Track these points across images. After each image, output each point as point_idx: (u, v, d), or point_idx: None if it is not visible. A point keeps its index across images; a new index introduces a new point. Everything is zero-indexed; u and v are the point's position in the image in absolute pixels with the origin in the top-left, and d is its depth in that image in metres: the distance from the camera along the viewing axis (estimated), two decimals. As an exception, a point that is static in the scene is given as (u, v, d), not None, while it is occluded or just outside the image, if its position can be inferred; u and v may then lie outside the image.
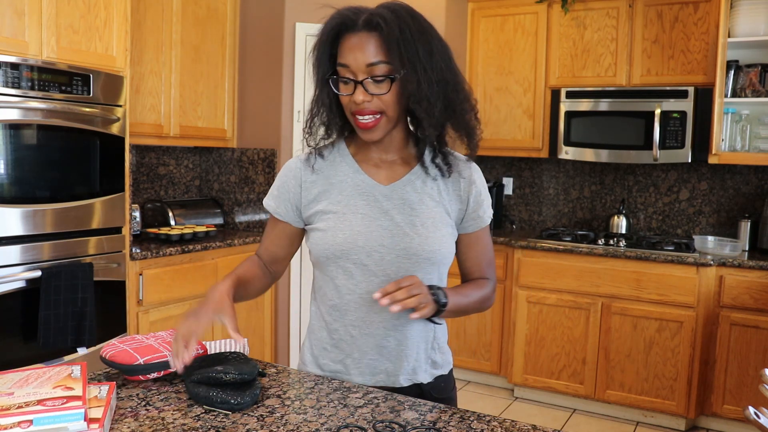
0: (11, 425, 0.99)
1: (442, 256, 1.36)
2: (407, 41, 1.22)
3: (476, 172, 1.42)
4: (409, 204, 1.35)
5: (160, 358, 1.32)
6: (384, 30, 1.21)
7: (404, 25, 1.23)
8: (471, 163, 1.42)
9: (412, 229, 1.33)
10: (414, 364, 1.39)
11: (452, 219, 1.39)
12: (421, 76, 1.24)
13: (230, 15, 3.79)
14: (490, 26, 4.15)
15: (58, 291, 2.58)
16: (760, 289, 3.23)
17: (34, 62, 2.51)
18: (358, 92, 1.25)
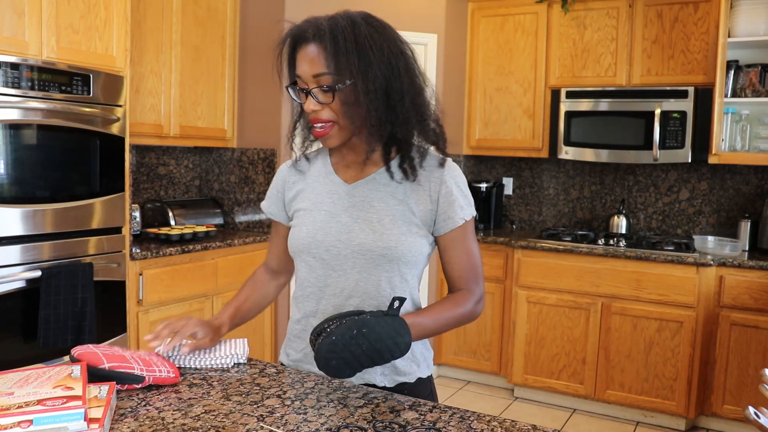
0: (11, 425, 0.99)
1: (398, 254, 1.33)
2: (343, 52, 1.24)
3: (449, 172, 1.37)
4: (369, 201, 1.37)
5: (126, 368, 1.26)
6: (323, 41, 1.26)
7: (341, 36, 1.25)
8: (446, 163, 1.38)
9: (368, 225, 1.34)
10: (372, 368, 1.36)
11: (418, 218, 1.35)
12: (359, 86, 1.25)
13: (230, 15, 3.79)
14: (490, 26, 4.15)
15: (58, 291, 2.58)
16: (760, 289, 3.23)
17: (34, 62, 2.51)
18: (308, 102, 1.29)
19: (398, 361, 1.37)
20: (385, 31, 1.34)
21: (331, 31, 1.26)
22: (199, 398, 1.25)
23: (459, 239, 1.38)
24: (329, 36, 1.26)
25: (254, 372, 1.43)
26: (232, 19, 3.80)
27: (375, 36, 1.30)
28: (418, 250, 1.36)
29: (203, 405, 1.22)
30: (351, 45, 1.25)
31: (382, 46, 1.29)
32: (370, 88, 1.26)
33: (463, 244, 1.38)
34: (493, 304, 3.96)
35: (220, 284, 3.42)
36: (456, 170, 1.39)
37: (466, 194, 1.39)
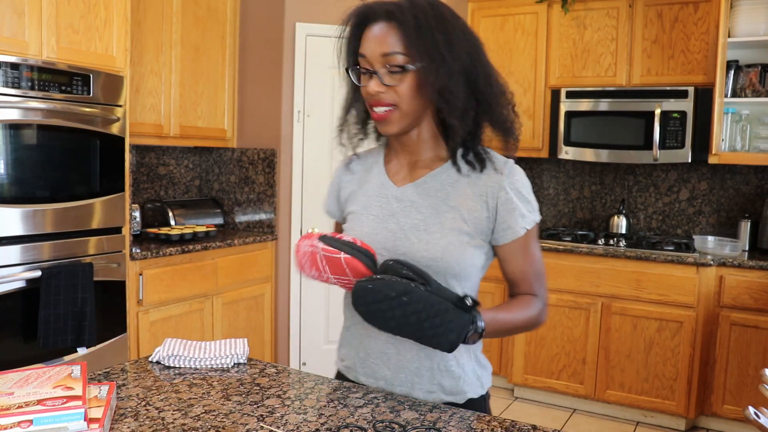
0: (11, 425, 0.99)
1: (445, 265, 1.22)
2: (424, 31, 1.17)
3: (510, 177, 1.26)
4: (417, 207, 1.28)
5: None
6: (400, 20, 1.18)
7: (421, 14, 1.17)
8: (507, 166, 1.27)
9: (414, 233, 1.25)
10: (413, 379, 1.28)
11: (471, 226, 1.25)
12: (440, 66, 1.17)
13: (230, 15, 3.79)
14: (490, 26, 4.15)
15: (58, 291, 2.58)
16: (760, 289, 3.22)
17: (34, 62, 2.51)
18: (372, 82, 1.21)
19: (446, 381, 1.28)
20: (458, 15, 1.24)
21: (410, 9, 1.18)
22: (199, 398, 1.25)
23: (520, 249, 1.28)
24: (410, 14, 1.17)
25: (254, 372, 1.43)
26: (232, 19, 3.80)
27: (454, 18, 1.22)
28: (469, 261, 1.25)
29: (203, 405, 1.22)
30: (433, 24, 1.18)
31: (463, 26, 1.22)
32: (453, 69, 1.18)
33: (525, 253, 1.28)
34: (493, 304, 3.95)
35: (220, 284, 3.42)
36: (517, 174, 1.28)
37: (530, 200, 1.28)
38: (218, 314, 3.42)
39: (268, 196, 3.83)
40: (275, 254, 3.83)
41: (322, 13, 3.76)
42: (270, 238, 3.77)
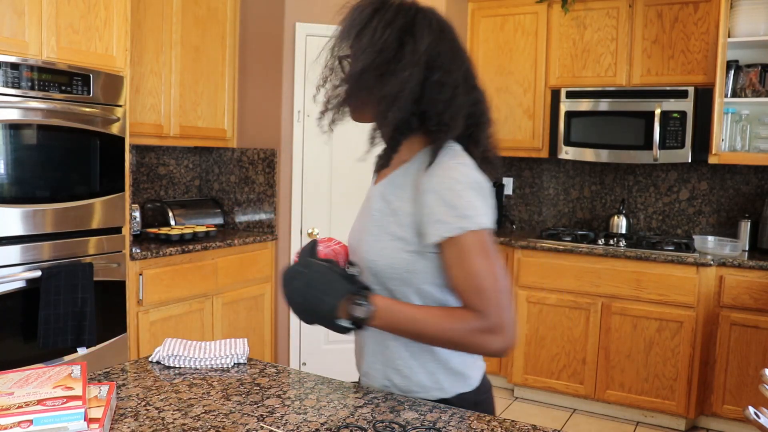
0: (11, 425, 0.99)
1: (380, 269, 1.20)
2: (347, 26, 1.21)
3: (430, 177, 1.16)
4: (371, 208, 1.27)
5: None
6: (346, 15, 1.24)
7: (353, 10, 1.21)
8: (435, 166, 1.17)
9: (363, 236, 1.26)
10: (373, 373, 1.30)
11: (407, 231, 1.19)
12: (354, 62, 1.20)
13: (230, 15, 3.79)
14: (490, 26, 4.15)
15: (58, 291, 2.58)
16: (760, 289, 3.22)
17: (34, 62, 2.51)
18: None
19: (395, 378, 1.27)
20: (417, 19, 1.18)
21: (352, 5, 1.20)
22: (199, 398, 1.25)
23: (456, 257, 1.15)
24: (348, 10, 1.20)
25: (254, 372, 1.43)
26: (232, 19, 3.80)
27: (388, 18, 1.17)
28: (402, 266, 1.19)
29: (203, 405, 1.22)
30: (357, 19, 1.18)
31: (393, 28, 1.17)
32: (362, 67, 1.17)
33: (461, 263, 1.15)
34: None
35: (220, 284, 3.42)
36: (443, 173, 1.16)
37: (456, 205, 1.14)
38: (218, 314, 3.42)
39: (268, 196, 3.83)
40: (275, 254, 3.83)
41: (322, 13, 3.76)
42: (270, 238, 3.77)
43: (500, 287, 1.14)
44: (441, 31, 1.20)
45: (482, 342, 1.13)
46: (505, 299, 1.15)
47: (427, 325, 1.15)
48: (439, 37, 1.19)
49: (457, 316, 1.15)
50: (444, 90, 1.18)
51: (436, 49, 1.18)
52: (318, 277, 1.15)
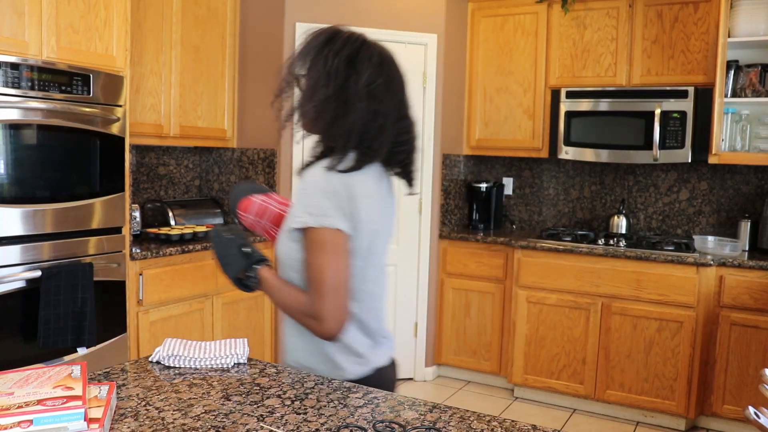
0: (11, 425, 0.99)
1: (278, 256, 1.44)
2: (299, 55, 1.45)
3: (303, 178, 1.37)
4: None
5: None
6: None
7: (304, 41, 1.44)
8: (312, 169, 1.38)
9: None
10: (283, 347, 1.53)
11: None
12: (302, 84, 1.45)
13: (230, 15, 3.79)
14: (490, 26, 4.15)
15: (58, 291, 2.58)
16: (760, 289, 3.22)
17: (34, 62, 2.51)
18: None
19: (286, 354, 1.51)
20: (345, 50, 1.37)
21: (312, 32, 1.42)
22: (199, 398, 1.25)
23: (306, 247, 1.35)
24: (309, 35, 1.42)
25: (254, 372, 1.43)
26: (232, 19, 3.80)
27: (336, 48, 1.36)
28: (287, 253, 1.41)
29: (203, 405, 1.22)
30: (312, 45, 1.39)
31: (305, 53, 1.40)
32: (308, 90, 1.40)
33: (306, 253, 1.34)
34: (493, 304, 3.96)
35: (220, 284, 3.42)
36: (308, 177, 1.36)
37: (309, 203, 1.32)
38: (218, 314, 3.42)
39: (268, 196, 3.83)
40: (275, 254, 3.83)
41: (322, 13, 3.76)
42: (270, 238, 3.76)
43: (327, 282, 1.31)
44: (380, 64, 1.38)
45: (306, 323, 1.36)
46: (331, 294, 1.31)
47: (282, 298, 1.41)
48: (378, 69, 1.37)
49: (296, 297, 1.38)
50: (377, 119, 1.36)
51: (374, 80, 1.35)
52: (221, 250, 1.48)
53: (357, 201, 1.33)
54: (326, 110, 1.36)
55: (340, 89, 1.34)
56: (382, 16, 3.84)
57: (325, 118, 1.37)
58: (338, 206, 1.32)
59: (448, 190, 4.21)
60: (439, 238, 4.11)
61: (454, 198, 4.28)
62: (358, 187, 1.34)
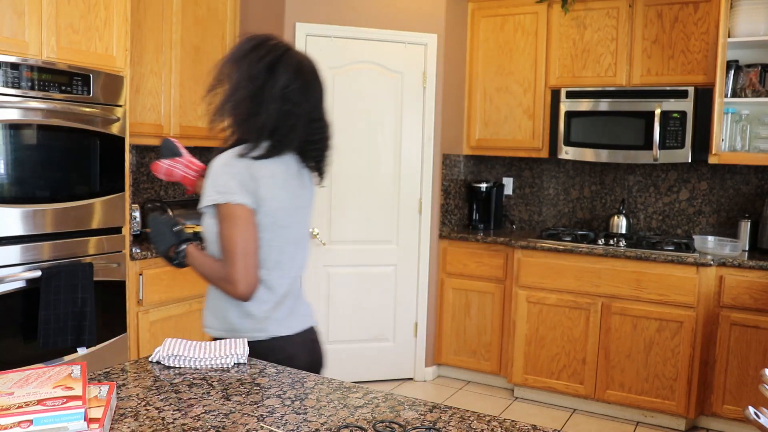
0: (11, 425, 0.99)
1: (204, 234, 1.65)
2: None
3: (216, 160, 1.57)
4: None
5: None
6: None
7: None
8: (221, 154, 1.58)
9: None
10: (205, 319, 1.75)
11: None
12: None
13: (230, 15, 3.79)
14: (490, 26, 4.15)
15: (58, 291, 2.58)
16: (760, 289, 3.22)
17: (34, 62, 2.51)
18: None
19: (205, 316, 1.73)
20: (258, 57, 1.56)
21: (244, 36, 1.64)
22: (199, 398, 1.25)
23: (218, 222, 1.57)
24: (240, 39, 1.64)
25: (254, 372, 1.43)
26: (232, 19, 3.80)
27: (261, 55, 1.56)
28: (206, 228, 1.62)
29: (203, 405, 1.22)
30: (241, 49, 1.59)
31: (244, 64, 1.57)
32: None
33: (219, 227, 1.56)
34: (493, 304, 3.96)
35: (220, 284, 3.42)
36: (218, 160, 1.56)
37: (216, 183, 1.53)
38: (218, 314, 3.42)
39: (268, 196, 3.83)
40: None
41: (322, 13, 3.76)
42: (270, 238, 3.76)
43: (238, 250, 1.52)
44: (298, 71, 1.58)
45: (223, 287, 1.57)
46: (241, 260, 1.53)
47: (203, 269, 1.62)
48: (294, 76, 1.57)
49: (213, 266, 1.60)
50: (290, 118, 1.56)
51: (290, 85, 1.55)
52: (156, 229, 1.69)
53: (259, 181, 1.53)
54: (242, 108, 1.55)
55: (257, 91, 1.54)
56: (382, 16, 3.84)
57: (241, 115, 1.56)
58: (241, 184, 1.52)
59: (448, 190, 4.21)
60: (439, 238, 4.11)
61: (454, 198, 4.28)
62: (260, 170, 1.54)
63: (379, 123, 3.91)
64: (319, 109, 1.64)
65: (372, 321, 4.00)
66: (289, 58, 1.58)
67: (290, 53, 1.59)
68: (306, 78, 1.60)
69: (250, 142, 1.56)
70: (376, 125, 3.90)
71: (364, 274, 3.97)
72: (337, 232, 3.88)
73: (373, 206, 3.94)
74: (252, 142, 1.56)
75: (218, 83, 1.59)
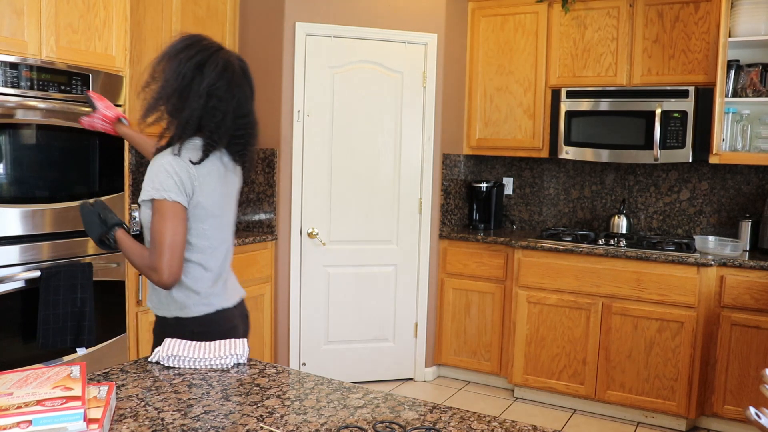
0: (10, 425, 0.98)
1: (142, 222, 1.74)
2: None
3: (156, 159, 1.67)
4: None
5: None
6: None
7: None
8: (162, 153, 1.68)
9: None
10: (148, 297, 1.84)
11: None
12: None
13: (230, 15, 3.79)
14: (490, 26, 4.15)
15: (57, 291, 2.57)
16: (760, 289, 3.22)
17: (33, 62, 2.51)
18: None
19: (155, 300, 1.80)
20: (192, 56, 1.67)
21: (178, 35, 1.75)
22: (199, 398, 1.25)
23: (152, 214, 1.66)
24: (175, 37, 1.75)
25: (254, 372, 1.42)
26: (231, 18, 3.80)
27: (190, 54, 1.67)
28: (147, 219, 1.70)
29: (203, 405, 1.21)
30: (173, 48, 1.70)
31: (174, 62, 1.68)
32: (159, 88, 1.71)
33: (152, 219, 1.66)
34: (493, 304, 3.95)
35: (220, 284, 3.42)
36: (158, 159, 1.66)
37: (153, 179, 1.64)
38: (218, 314, 3.42)
39: (268, 196, 3.83)
40: (275, 254, 3.83)
41: (321, 12, 3.76)
42: (270, 238, 3.76)
43: (164, 242, 1.63)
44: (224, 70, 1.68)
45: (148, 275, 1.68)
46: (168, 252, 1.63)
47: (132, 255, 1.71)
48: (221, 74, 1.67)
49: (141, 253, 1.70)
50: (216, 114, 1.68)
51: (215, 83, 1.66)
52: (86, 217, 1.79)
53: (197, 180, 1.67)
54: (170, 104, 1.67)
55: (185, 88, 1.65)
56: (382, 16, 3.83)
57: (169, 110, 1.68)
58: (177, 184, 1.63)
59: (448, 190, 4.21)
60: (439, 238, 4.11)
61: (454, 198, 4.28)
62: (199, 169, 1.67)
63: (379, 123, 3.90)
64: (245, 106, 1.75)
65: (372, 321, 4.00)
66: (217, 57, 1.69)
67: (220, 53, 1.70)
68: (232, 76, 1.70)
69: (175, 136, 1.69)
70: (376, 125, 3.90)
71: (364, 274, 3.97)
72: (337, 232, 3.88)
73: (373, 206, 3.94)
74: (178, 136, 1.68)
75: (152, 80, 1.70)
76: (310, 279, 3.86)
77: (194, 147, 1.69)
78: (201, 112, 1.67)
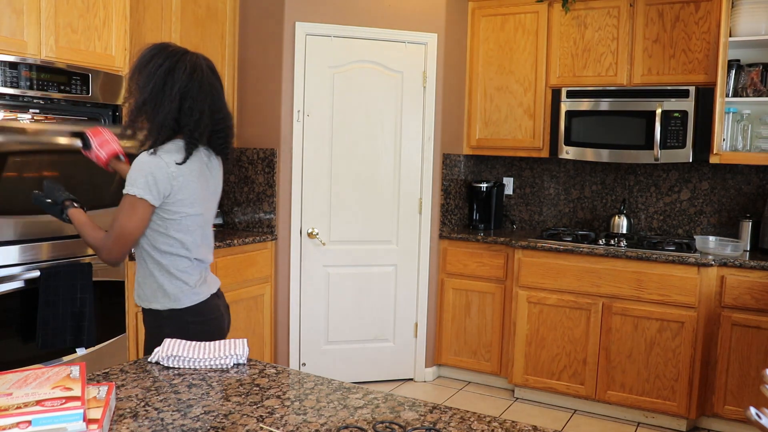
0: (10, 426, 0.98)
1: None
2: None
3: (138, 158, 1.78)
4: None
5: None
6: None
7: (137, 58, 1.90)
8: (143, 153, 1.78)
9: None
10: (135, 289, 1.96)
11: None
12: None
13: (230, 15, 3.79)
14: (490, 25, 4.15)
15: (57, 291, 2.57)
16: (761, 290, 3.22)
17: (32, 61, 2.50)
18: None
19: (148, 293, 1.90)
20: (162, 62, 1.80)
21: (147, 46, 1.87)
22: (199, 398, 1.25)
23: (120, 203, 1.80)
24: (144, 48, 1.87)
25: (254, 372, 1.42)
26: (231, 18, 3.80)
27: (159, 62, 1.79)
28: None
29: (203, 405, 1.21)
30: (143, 58, 1.82)
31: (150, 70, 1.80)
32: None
33: (119, 206, 1.80)
34: (494, 305, 3.95)
35: (219, 284, 3.41)
36: (139, 158, 1.77)
37: (131, 175, 1.76)
38: (218, 314, 3.41)
39: (268, 196, 3.83)
40: (275, 254, 3.83)
41: (321, 12, 3.76)
42: (270, 238, 3.76)
43: (117, 229, 1.79)
44: (192, 73, 1.80)
45: (98, 252, 1.84)
46: (116, 238, 1.79)
47: (85, 232, 1.87)
48: (190, 76, 1.79)
49: (95, 233, 1.85)
50: (194, 113, 1.80)
51: (186, 85, 1.79)
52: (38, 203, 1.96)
53: (176, 180, 1.78)
54: (147, 110, 1.79)
55: (157, 95, 1.78)
56: (382, 16, 3.83)
57: (147, 116, 1.80)
58: (149, 182, 1.74)
59: (448, 190, 4.20)
60: (439, 238, 4.10)
61: (454, 198, 4.27)
62: (180, 169, 1.78)
63: (379, 122, 3.90)
64: (218, 102, 1.87)
65: (372, 321, 4.00)
66: (185, 61, 1.80)
67: (187, 56, 1.82)
68: (202, 76, 1.82)
69: (151, 137, 1.80)
70: (376, 125, 3.90)
71: (364, 274, 3.97)
72: (337, 232, 3.88)
73: (373, 206, 3.94)
74: (154, 138, 1.80)
75: (129, 95, 1.84)
76: (310, 279, 3.86)
77: (177, 148, 1.80)
78: (176, 114, 1.79)
